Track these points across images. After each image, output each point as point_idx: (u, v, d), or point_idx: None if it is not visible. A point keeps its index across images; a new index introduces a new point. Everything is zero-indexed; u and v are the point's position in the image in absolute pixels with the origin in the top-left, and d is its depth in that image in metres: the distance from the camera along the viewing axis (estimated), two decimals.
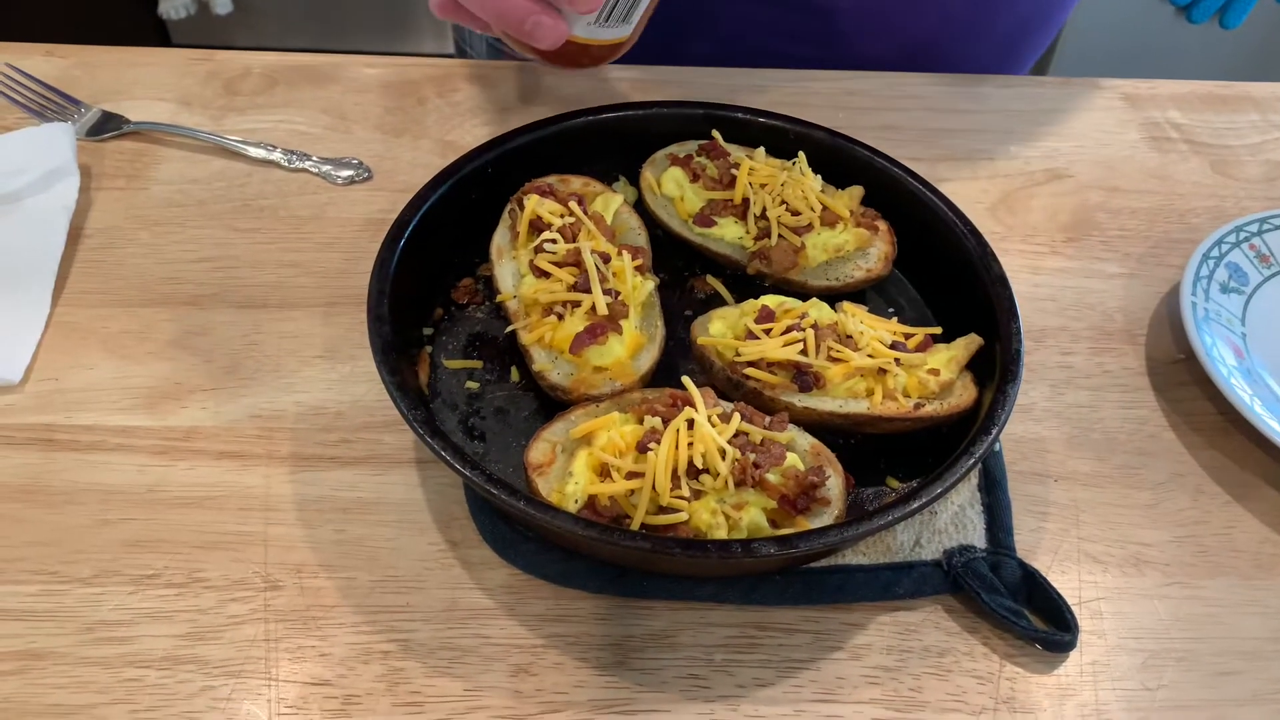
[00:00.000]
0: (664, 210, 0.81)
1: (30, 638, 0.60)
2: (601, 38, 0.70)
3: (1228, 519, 0.70)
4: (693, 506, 0.60)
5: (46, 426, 0.70)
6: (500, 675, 0.60)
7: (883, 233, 0.79)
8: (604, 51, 0.72)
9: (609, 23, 0.69)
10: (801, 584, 0.63)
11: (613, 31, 0.70)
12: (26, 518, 0.65)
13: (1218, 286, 0.80)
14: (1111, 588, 0.66)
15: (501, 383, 0.72)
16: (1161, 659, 0.63)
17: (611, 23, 0.69)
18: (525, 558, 0.63)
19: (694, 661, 0.61)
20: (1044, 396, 0.76)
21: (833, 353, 0.69)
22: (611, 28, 0.69)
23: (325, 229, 0.84)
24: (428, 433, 0.60)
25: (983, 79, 1.02)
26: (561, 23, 0.65)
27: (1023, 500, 0.69)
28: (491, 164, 0.78)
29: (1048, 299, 0.83)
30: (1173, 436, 0.74)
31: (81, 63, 0.96)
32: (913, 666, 0.61)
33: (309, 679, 0.59)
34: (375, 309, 0.67)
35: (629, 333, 0.70)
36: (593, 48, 0.71)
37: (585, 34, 0.69)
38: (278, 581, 0.63)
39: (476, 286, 0.77)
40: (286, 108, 0.94)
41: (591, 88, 0.97)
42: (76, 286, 0.78)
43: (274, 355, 0.75)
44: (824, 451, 0.65)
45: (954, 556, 0.64)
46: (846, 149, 0.81)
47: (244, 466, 0.68)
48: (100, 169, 0.87)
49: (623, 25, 0.70)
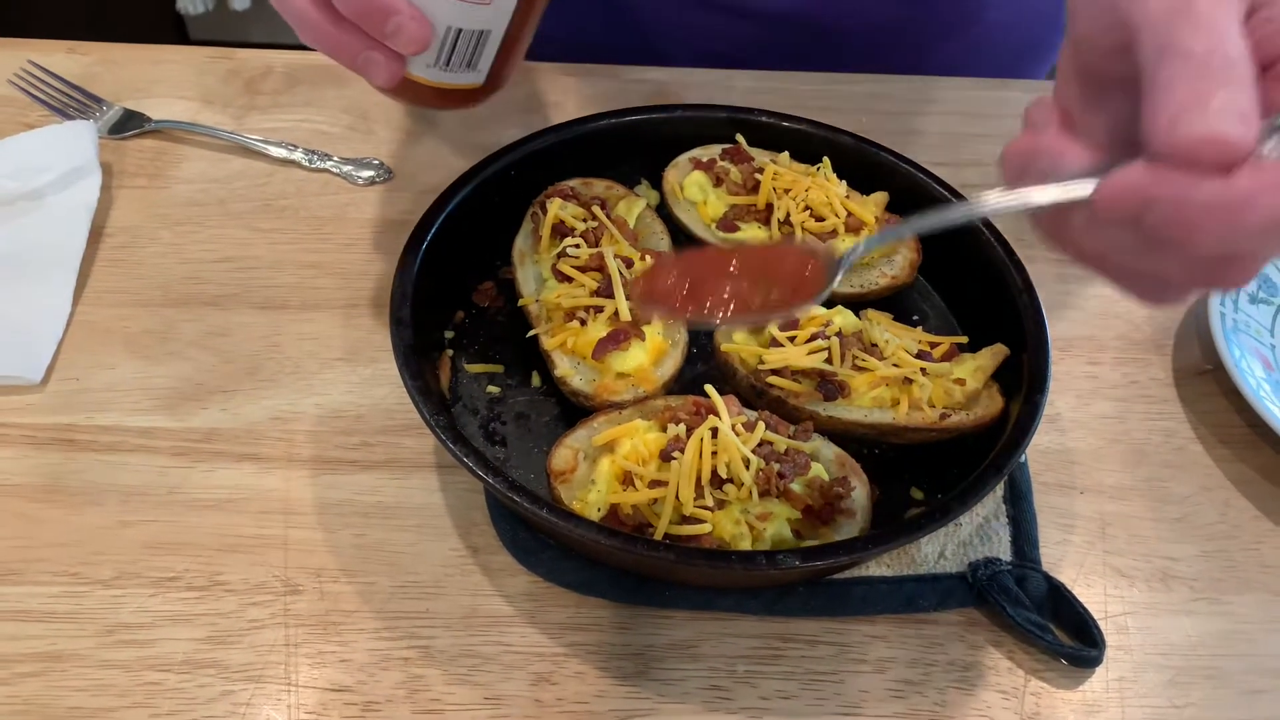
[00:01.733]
0: (687, 215, 0.80)
1: (51, 639, 0.60)
2: (446, 81, 0.64)
3: (1256, 534, 0.69)
4: (716, 516, 0.59)
5: (67, 426, 0.69)
6: (521, 684, 0.59)
7: (908, 239, 0.78)
8: (457, 97, 0.66)
9: (450, 68, 0.63)
10: (825, 595, 0.62)
11: (458, 77, 0.64)
12: (47, 518, 0.65)
13: (1246, 297, 0.79)
14: (1138, 602, 0.65)
15: (523, 387, 0.72)
16: (1189, 676, 0.62)
17: (454, 69, 0.63)
18: (546, 565, 0.63)
19: (716, 672, 0.60)
20: (1070, 407, 0.75)
21: (857, 361, 0.68)
22: (455, 74, 0.64)
23: (346, 230, 0.83)
24: (450, 438, 0.59)
25: (1008, 83, 1.01)
26: (396, 62, 0.60)
27: (1048, 513, 0.68)
28: (514, 166, 0.77)
29: (1074, 308, 0.82)
30: (1200, 449, 0.73)
31: (103, 60, 0.96)
32: (937, 680, 0.61)
33: (329, 685, 0.59)
34: (397, 312, 0.66)
35: (652, 339, 0.70)
36: (443, 91, 0.65)
37: (426, 75, 0.63)
38: (298, 585, 0.63)
39: (497, 290, 0.77)
40: (308, 107, 0.94)
41: (614, 90, 0.96)
42: (98, 285, 0.78)
43: (294, 357, 0.74)
44: (849, 461, 0.65)
45: (979, 569, 0.63)
46: (871, 154, 0.81)
47: (264, 469, 0.68)
48: (122, 167, 0.87)
49: (469, 72, 0.64)
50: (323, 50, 0.61)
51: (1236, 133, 0.40)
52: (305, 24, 0.60)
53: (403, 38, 0.59)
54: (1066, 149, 0.47)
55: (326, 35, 0.60)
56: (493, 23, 0.62)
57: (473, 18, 0.61)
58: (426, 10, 0.59)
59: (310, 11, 0.59)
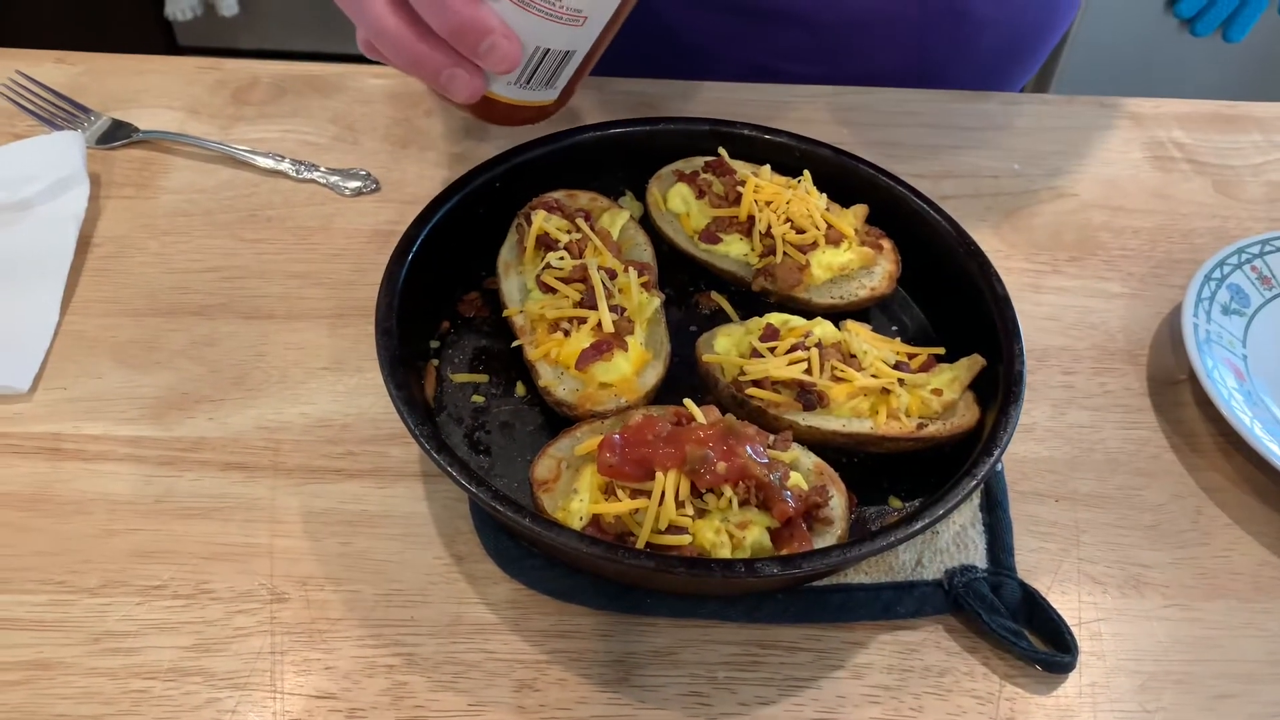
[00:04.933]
0: (670, 226, 0.81)
1: (37, 648, 0.60)
2: (522, 99, 0.66)
3: (1228, 541, 0.70)
4: (697, 525, 0.60)
5: (54, 435, 0.70)
6: (504, 690, 0.60)
7: (887, 251, 0.80)
8: (529, 113, 0.68)
9: (530, 85, 0.65)
10: (804, 603, 0.63)
11: (535, 95, 0.66)
12: (34, 527, 0.66)
13: (1219, 308, 0.81)
14: (1111, 609, 0.66)
15: (507, 397, 0.73)
16: (1160, 681, 0.63)
17: (533, 86, 0.65)
18: (529, 573, 0.64)
19: (696, 679, 0.61)
20: (1045, 416, 0.76)
21: (836, 372, 0.69)
22: (533, 91, 0.65)
23: (332, 240, 0.84)
24: (434, 448, 0.60)
25: (986, 96, 1.02)
26: (478, 79, 0.61)
27: (1024, 520, 0.70)
28: (499, 178, 0.78)
29: (1050, 318, 0.83)
30: (1173, 458, 0.75)
31: (91, 70, 0.97)
32: (913, 686, 0.62)
33: (314, 692, 0.59)
34: (383, 322, 0.67)
35: (635, 349, 0.71)
36: (517, 108, 0.66)
37: (505, 93, 0.65)
38: (284, 594, 0.63)
39: (482, 300, 0.78)
40: (294, 117, 0.95)
41: (597, 103, 0.97)
42: (85, 295, 0.79)
43: (281, 366, 0.75)
44: (827, 470, 0.66)
45: (955, 576, 0.65)
46: (851, 167, 0.82)
47: (250, 478, 0.69)
48: (109, 177, 0.88)
49: (546, 90, 0.66)
50: (400, 65, 0.60)
51: None
52: (386, 37, 0.59)
53: (495, 56, 0.59)
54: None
55: (410, 50, 0.59)
56: (578, 43, 0.63)
57: (561, 38, 0.61)
58: (517, 29, 0.59)
59: (394, 25, 0.58)
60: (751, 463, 0.61)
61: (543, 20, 0.60)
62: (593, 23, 0.62)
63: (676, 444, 0.61)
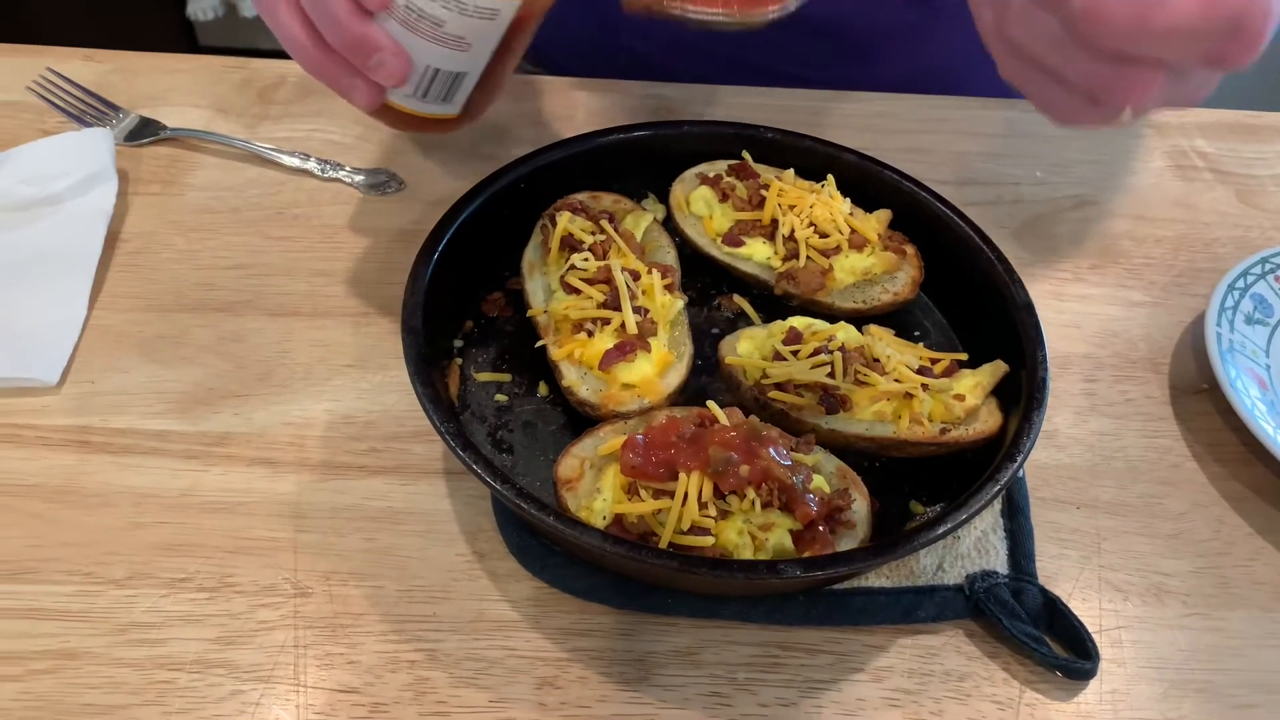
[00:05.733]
0: (693, 229, 0.82)
1: (64, 637, 0.61)
2: (423, 111, 0.68)
3: (1249, 550, 0.70)
4: (719, 526, 0.61)
5: (82, 428, 0.71)
6: (525, 687, 0.60)
7: (910, 257, 0.80)
8: (434, 124, 0.70)
9: (428, 100, 0.67)
10: (825, 605, 0.63)
11: (435, 108, 0.68)
12: (61, 518, 0.66)
13: (1242, 318, 0.80)
14: (1132, 617, 0.66)
15: (530, 397, 0.73)
16: (1181, 690, 0.63)
17: (430, 100, 0.67)
18: (551, 571, 0.64)
19: (716, 679, 0.61)
20: (1067, 423, 0.76)
21: (859, 376, 0.69)
22: (432, 104, 0.68)
23: (357, 239, 0.85)
24: (459, 445, 0.61)
25: (1011, 103, 1.02)
26: (376, 89, 0.65)
27: (1045, 527, 0.70)
28: (524, 179, 0.79)
29: (1072, 325, 0.83)
30: (1195, 467, 0.75)
31: (120, 68, 0.98)
32: (933, 690, 0.62)
33: (337, 686, 0.60)
34: (409, 321, 0.68)
35: (657, 350, 0.71)
36: (421, 119, 0.69)
37: (404, 104, 0.67)
38: (307, 588, 0.64)
39: (506, 300, 0.78)
40: (320, 117, 0.95)
41: (621, 107, 0.98)
42: (113, 290, 0.80)
43: (305, 363, 0.76)
44: (850, 474, 0.66)
45: (976, 581, 0.65)
46: (875, 172, 0.82)
47: (275, 473, 0.69)
48: (137, 174, 0.89)
49: (445, 104, 0.69)
50: (308, 71, 0.65)
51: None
52: (292, 45, 0.64)
53: (384, 72, 0.63)
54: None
55: (313, 59, 0.64)
56: (469, 66, 0.66)
57: (450, 61, 0.65)
58: (407, 48, 0.63)
59: (299, 34, 0.63)
60: (774, 465, 0.61)
61: (429, 43, 0.63)
62: (477, 50, 0.65)
63: (700, 445, 0.62)
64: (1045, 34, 0.49)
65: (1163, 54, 0.48)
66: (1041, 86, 0.53)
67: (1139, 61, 0.48)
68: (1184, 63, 0.48)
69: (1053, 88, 0.52)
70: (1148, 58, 0.48)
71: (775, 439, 0.63)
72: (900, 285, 0.79)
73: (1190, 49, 0.47)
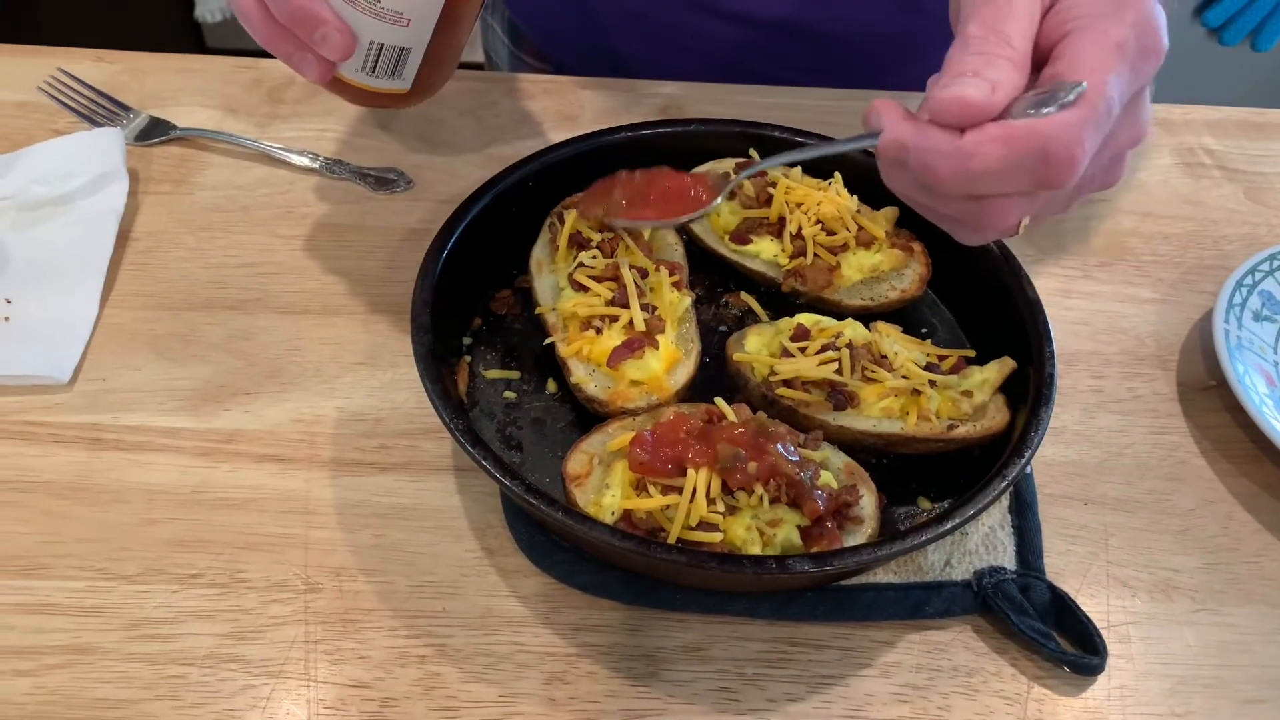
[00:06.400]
0: (700, 226, 0.82)
1: (77, 632, 0.61)
2: (373, 85, 0.70)
3: (1258, 547, 0.70)
4: (727, 522, 0.61)
5: (94, 426, 0.71)
6: (534, 683, 0.61)
7: (918, 254, 0.80)
8: (385, 99, 0.72)
9: (376, 75, 0.69)
10: (833, 601, 0.64)
11: (384, 83, 0.70)
12: (74, 515, 0.67)
13: (1250, 314, 0.80)
14: (1140, 613, 0.66)
15: (538, 394, 0.73)
16: (1189, 685, 0.63)
17: (379, 75, 0.69)
18: (560, 567, 0.64)
19: (725, 675, 0.62)
20: (1075, 420, 0.76)
21: (867, 373, 0.69)
22: (382, 80, 0.70)
23: (366, 238, 0.85)
24: (469, 441, 0.61)
25: None
26: (325, 63, 0.67)
27: (1053, 523, 0.70)
28: (532, 177, 0.79)
29: (1080, 323, 0.83)
30: (1203, 463, 0.75)
31: (130, 69, 0.98)
32: (941, 685, 0.62)
33: (348, 681, 0.60)
34: (418, 318, 0.68)
35: (665, 347, 0.71)
36: (372, 93, 0.71)
37: (354, 78, 0.69)
38: (318, 584, 0.64)
39: (515, 298, 0.79)
40: (328, 116, 0.96)
41: (628, 105, 0.98)
42: (124, 288, 0.80)
43: (315, 361, 0.76)
44: (858, 470, 0.66)
45: (984, 577, 0.65)
46: None
47: (285, 470, 0.70)
48: (148, 173, 0.89)
49: (395, 80, 0.70)
50: (260, 43, 0.67)
51: (977, 95, 0.50)
52: (245, 17, 0.66)
53: (328, 46, 0.66)
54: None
55: (265, 31, 0.66)
56: (412, 41, 0.68)
57: (391, 35, 0.67)
58: (351, 23, 0.65)
59: (252, 8, 0.66)
60: (782, 461, 0.61)
61: (370, 19, 0.65)
62: (418, 26, 0.67)
63: (708, 442, 0.62)
64: (915, 185, 0.56)
65: (998, 190, 0.53)
66: (937, 220, 0.59)
67: (988, 196, 0.53)
68: (1022, 190, 0.53)
69: (943, 220, 0.59)
70: (990, 193, 0.53)
71: (783, 435, 0.63)
72: (908, 282, 0.79)
73: (1017, 181, 0.52)
